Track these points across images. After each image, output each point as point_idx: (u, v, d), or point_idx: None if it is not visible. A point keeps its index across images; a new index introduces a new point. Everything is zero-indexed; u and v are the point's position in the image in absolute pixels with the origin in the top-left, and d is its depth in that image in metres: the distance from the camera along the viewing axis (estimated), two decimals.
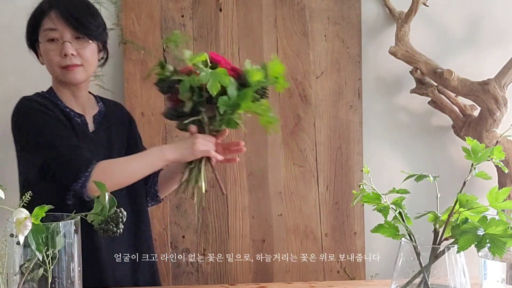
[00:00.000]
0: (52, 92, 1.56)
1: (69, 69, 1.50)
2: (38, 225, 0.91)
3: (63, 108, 1.53)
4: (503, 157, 1.09)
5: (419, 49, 1.95)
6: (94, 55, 1.55)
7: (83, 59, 1.51)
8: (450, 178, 1.58)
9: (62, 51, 1.48)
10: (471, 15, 2.07)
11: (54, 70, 1.52)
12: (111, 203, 1.01)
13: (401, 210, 1.11)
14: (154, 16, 1.97)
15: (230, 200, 2.00)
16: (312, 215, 2.02)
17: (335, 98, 2.02)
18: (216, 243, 1.99)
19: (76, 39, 1.50)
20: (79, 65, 1.51)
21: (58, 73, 1.52)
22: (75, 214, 1.01)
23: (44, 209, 0.92)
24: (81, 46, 1.50)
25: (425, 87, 1.98)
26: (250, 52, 2.00)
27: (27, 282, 0.95)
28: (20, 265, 0.95)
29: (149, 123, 1.97)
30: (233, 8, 2.00)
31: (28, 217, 0.89)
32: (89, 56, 1.52)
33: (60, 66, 1.50)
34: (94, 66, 1.57)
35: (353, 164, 2.03)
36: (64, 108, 1.53)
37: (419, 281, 1.06)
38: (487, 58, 2.05)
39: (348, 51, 2.03)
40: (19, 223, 0.89)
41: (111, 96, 1.97)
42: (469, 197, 1.05)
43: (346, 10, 2.02)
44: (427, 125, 2.09)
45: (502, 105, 1.87)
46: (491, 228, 0.99)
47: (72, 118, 1.53)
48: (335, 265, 2.02)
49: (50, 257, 0.94)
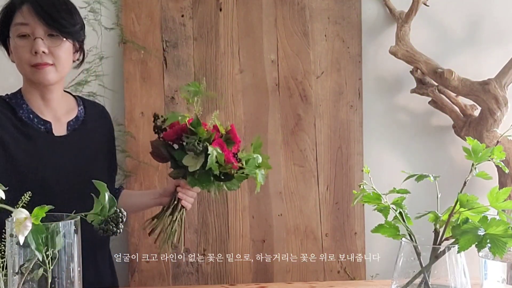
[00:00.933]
0: (19, 94, 1.48)
1: (39, 68, 1.41)
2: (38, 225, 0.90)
3: (26, 113, 1.46)
4: (504, 157, 1.10)
5: (420, 49, 1.95)
6: (68, 55, 1.46)
7: (55, 58, 1.42)
8: (451, 178, 1.58)
9: (33, 48, 1.39)
10: (471, 15, 2.07)
11: (24, 68, 1.43)
12: (111, 203, 1.01)
13: (401, 210, 1.12)
14: (154, 16, 1.97)
15: (230, 200, 1.99)
16: (312, 215, 2.01)
17: (335, 98, 2.02)
18: (216, 243, 1.99)
19: (49, 36, 1.41)
20: (50, 64, 1.42)
21: (27, 72, 1.43)
22: (75, 214, 1.01)
23: (44, 209, 0.92)
24: (54, 44, 1.41)
25: (425, 87, 1.98)
26: (250, 52, 2.00)
27: (27, 282, 0.95)
28: (20, 265, 0.95)
29: (149, 123, 1.95)
30: (233, 8, 2.00)
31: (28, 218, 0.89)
32: (62, 55, 1.43)
33: (30, 64, 1.41)
34: (68, 67, 1.48)
35: (353, 164, 2.03)
36: (27, 113, 1.46)
37: (420, 281, 1.07)
38: (488, 58, 2.05)
39: (349, 51, 2.03)
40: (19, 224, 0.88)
41: (111, 96, 1.97)
42: (470, 197, 1.05)
43: (347, 10, 2.02)
44: (428, 125, 2.08)
45: (502, 105, 1.87)
46: (492, 228, 0.99)
47: (31, 125, 1.46)
48: (335, 265, 2.02)
49: (50, 257, 0.94)
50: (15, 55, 1.44)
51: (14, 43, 1.43)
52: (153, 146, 1.51)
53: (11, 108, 1.46)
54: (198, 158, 1.41)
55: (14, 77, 1.93)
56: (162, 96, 1.97)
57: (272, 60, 2.01)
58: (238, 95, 1.99)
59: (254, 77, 2.00)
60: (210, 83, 1.95)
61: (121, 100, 1.96)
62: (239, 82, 1.99)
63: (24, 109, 1.47)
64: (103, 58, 1.96)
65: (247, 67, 2.00)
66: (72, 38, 1.46)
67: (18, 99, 1.48)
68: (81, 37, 1.51)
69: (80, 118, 1.56)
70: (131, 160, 1.94)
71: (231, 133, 1.45)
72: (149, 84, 1.96)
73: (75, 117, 1.55)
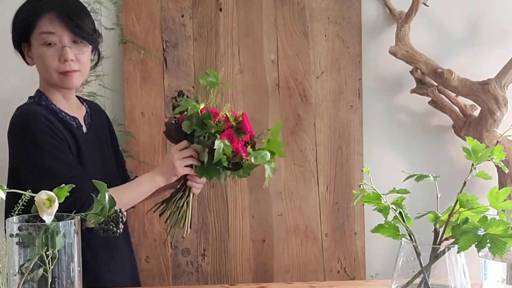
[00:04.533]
0: (43, 96, 1.49)
1: (68, 75, 1.44)
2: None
3: (59, 113, 1.47)
4: (504, 157, 1.10)
5: (419, 49, 1.95)
6: (89, 59, 1.50)
7: (80, 64, 1.45)
8: (451, 178, 1.58)
9: (62, 56, 1.42)
10: (471, 15, 2.07)
11: (51, 75, 1.45)
12: (111, 203, 1.01)
13: (401, 210, 1.12)
14: (154, 16, 1.97)
15: (230, 200, 1.99)
16: (312, 215, 2.02)
17: (335, 98, 2.02)
18: (216, 243, 1.99)
19: (73, 43, 1.44)
20: (77, 71, 1.45)
21: (54, 78, 1.45)
22: (75, 214, 1.01)
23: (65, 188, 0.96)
24: (80, 51, 1.45)
25: (425, 87, 1.98)
26: (250, 52, 2.00)
27: (27, 282, 0.95)
28: (20, 265, 0.95)
29: (149, 123, 1.97)
30: (233, 8, 2.00)
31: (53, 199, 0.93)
32: (86, 61, 1.48)
33: (58, 71, 1.44)
34: (89, 69, 1.52)
35: (353, 164, 2.03)
36: (60, 113, 1.47)
37: (419, 281, 1.07)
38: (487, 58, 2.05)
39: (348, 51, 2.03)
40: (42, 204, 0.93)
41: (111, 96, 1.97)
42: (470, 197, 1.05)
43: (346, 10, 2.02)
44: (427, 125, 2.08)
45: (502, 105, 1.87)
46: (492, 228, 0.99)
47: (68, 123, 1.48)
48: (335, 265, 2.02)
49: (50, 257, 0.94)
50: (41, 63, 1.45)
51: (40, 51, 1.44)
52: (167, 127, 1.53)
53: (49, 110, 1.46)
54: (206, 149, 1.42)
55: (14, 77, 1.94)
56: (162, 96, 1.97)
57: (272, 60, 2.01)
58: (238, 95, 1.99)
59: (254, 77, 2.00)
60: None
61: (121, 100, 1.96)
62: (239, 82, 1.99)
63: (56, 109, 1.49)
64: (103, 58, 1.95)
65: (247, 67, 2.00)
66: (94, 44, 1.49)
67: (45, 101, 1.49)
68: (99, 42, 1.54)
69: (89, 113, 1.59)
70: (132, 160, 1.94)
71: (242, 124, 1.46)
72: (149, 84, 1.96)
73: (85, 113, 1.58)
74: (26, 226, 0.95)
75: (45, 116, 1.42)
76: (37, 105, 1.47)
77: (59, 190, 0.96)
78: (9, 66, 1.90)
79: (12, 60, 1.57)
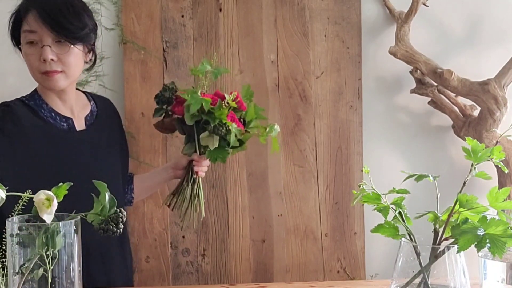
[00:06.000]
0: (36, 95, 1.48)
1: (49, 75, 1.40)
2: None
3: (47, 113, 1.46)
4: (503, 157, 1.10)
5: (419, 49, 1.95)
6: (78, 60, 1.44)
7: (64, 65, 1.40)
8: (450, 178, 1.58)
9: (41, 55, 1.38)
10: (471, 15, 2.07)
11: (35, 75, 1.43)
12: (111, 203, 1.01)
13: (401, 210, 1.12)
14: (154, 16, 1.97)
15: (230, 200, 2.00)
16: (312, 215, 2.02)
17: (335, 98, 2.03)
18: (216, 243, 1.99)
19: (57, 42, 1.39)
20: (59, 72, 1.40)
21: (38, 78, 1.43)
22: (75, 214, 1.01)
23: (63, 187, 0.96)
24: (62, 51, 1.39)
25: (425, 87, 1.99)
26: (250, 53, 2.00)
27: (27, 282, 0.95)
28: (20, 265, 0.95)
29: (149, 123, 1.96)
30: (233, 8, 2.00)
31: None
32: (72, 61, 1.41)
33: (39, 71, 1.40)
34: (79, 70, 1.47)
35: (353, 164, 2.03)
36: (48, 112, 1.46)
37: (419, 281, 1.07)
38: (487, 58, 2.05)
39: (348, 51, 2.03)
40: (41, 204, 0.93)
41: (111, 96, 1.97)
42: (469, 197, 1.06)
43: (346, 10, 2.02)
44: (427, 125, 2.09)
45: (502, 105, 1.87)
46: (491, 228, 0.99)
47: (53, 124, 1.46)
48: (335, 265, 2.02)
49: (50, 257, 0.94)
50: (26, 62, 1.44)
51: (24, 49, 1.42)
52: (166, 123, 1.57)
53: (31, 109, 1.46)
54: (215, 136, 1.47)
55: (14, 77, 1.94)
56: None
57: (272, 60, 2.01)
58: None
59: (254, 78, 2.00)
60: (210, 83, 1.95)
61: (121, 100, 1.96)
62: (239, 83, 1.99)
63: (45, 109, 1.47)
64: (104, 58, 1.96)
65: (247, 67, 2.00)
66: (81, 42, 1.43)
67: (37, 100, 1.48)
68: (92, 40, 1.47)
69: (94, 112, 1.58)
70: (132, 160, 1.93)
71: (239, 103, 1.51)
72: (149, 84, 1.97)
73: (89, 112, 1.57)
74: (26, 226, 0.95)
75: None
76: (18, 101, 1.47)
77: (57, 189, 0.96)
78: (9, 66, 1.90)
79: (12, 60, 1.57)
